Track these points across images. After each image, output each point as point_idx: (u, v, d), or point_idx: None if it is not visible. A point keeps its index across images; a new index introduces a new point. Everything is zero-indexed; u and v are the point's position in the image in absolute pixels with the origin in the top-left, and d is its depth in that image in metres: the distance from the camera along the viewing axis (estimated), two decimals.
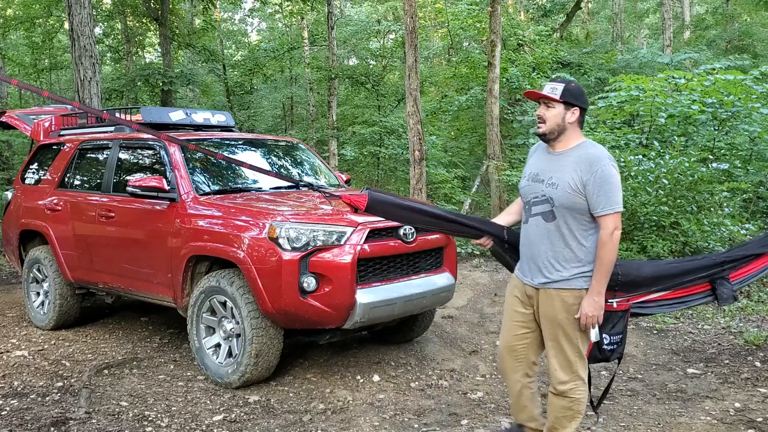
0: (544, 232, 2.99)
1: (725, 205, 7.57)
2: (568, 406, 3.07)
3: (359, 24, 22.91)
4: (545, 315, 3.03)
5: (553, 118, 2.96)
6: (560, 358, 3.04)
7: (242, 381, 4.27)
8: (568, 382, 3.04)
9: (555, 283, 2.97)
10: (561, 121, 2.96)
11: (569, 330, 2.99)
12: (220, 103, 21.54)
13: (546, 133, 2.99)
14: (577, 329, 2.98)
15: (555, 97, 2.93)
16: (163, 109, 5.89)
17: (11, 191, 6.53)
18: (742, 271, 3.32)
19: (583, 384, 3.08)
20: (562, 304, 2.97)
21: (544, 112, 2.98)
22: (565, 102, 2.94)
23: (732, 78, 7.47)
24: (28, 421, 3.81)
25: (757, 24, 22.21)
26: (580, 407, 3.07)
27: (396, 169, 15.22)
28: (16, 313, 6.52)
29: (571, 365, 3.03)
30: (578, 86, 2.99)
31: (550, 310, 3.01)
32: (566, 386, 3.05)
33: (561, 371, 3.05)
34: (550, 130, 2.98)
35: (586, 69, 16.33)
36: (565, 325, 2.99)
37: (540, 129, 3.01)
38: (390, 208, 3.27)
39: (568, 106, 2.94)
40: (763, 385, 4.38)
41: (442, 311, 6.13)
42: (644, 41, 28.26)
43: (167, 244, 4.68)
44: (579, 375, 3.05)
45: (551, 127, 2.97)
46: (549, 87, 2.97)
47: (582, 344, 3.04)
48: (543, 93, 2.97)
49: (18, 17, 18.85)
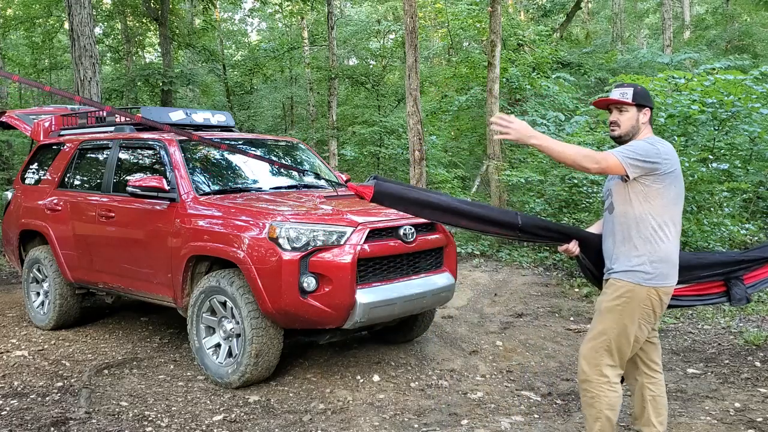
0: (609, 224, 3.08)
1: (725, 205, 7.57)
2: (588, 402, 3.05)
3: (359, 24, 22.91)
4: (597, 302, 3.10)
5: (628, 121, 3.04)
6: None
7: (242, 381, 4.27)
8: (589, 375, 3.04)
9: (614, 273, 3.03)
10: (636, 122, 3.04)
11: (608, 320, 3.00)
12: (220, 103, 21.54)
13: (621, 135, 3.06)
14: (614, 321, 2.98)
15: (628, 100, 3.01)
16: (163, 109, 5.89)
17: (11, 191, 6.53)
18: (757, 274, 3.33)
19: (608, 383, 3.03)
20: (610, 292, 3.01)
21: (618, 116, 3.06)
22: (637, 104, 3.03)
23: (732, 78, 7.46)
24: (28, 421, 3.81)
25: (757, 24, 22.21)
26: (600, 406, 3.02)
27: (396, 169, 15.23)
28: (16, 313, 6.52)
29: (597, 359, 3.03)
30: (644, 89, 3.09)
31: (599, 299, 3.08)
32: (583, 377, 3.05)
33: (581, 361, 3.07)
34: (625, 132, 3.05)
35: (586, 69, 16.34)
36: (603, 313, 3.02)
37: (615, 132, 3.07)
38: (398, 200, 3.16)
39: (639, 107, 3.04)
40: (763, 385, 4.38)
41: (442, 311, 6.13)
42: (644, 41, 28.26)
43: (167, 244, 4.68)
44: (603, 372, 3.03)
45: (626, 129, 3.05)
46: (618, 92, 3.06)
47: (616, 342, 3.00)
48: (615, 98, 3.05)
49: (18, 17, 18.85)
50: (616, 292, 2.99)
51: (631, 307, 2.96)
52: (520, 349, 5.26)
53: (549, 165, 9.19)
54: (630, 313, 2.96)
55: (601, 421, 3.03)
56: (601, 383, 3.02)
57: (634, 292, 2.95)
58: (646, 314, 2.98)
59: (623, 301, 2.96)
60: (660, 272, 2.94)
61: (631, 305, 2.96)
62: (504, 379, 4.62)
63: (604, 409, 3.02)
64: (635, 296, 2.95)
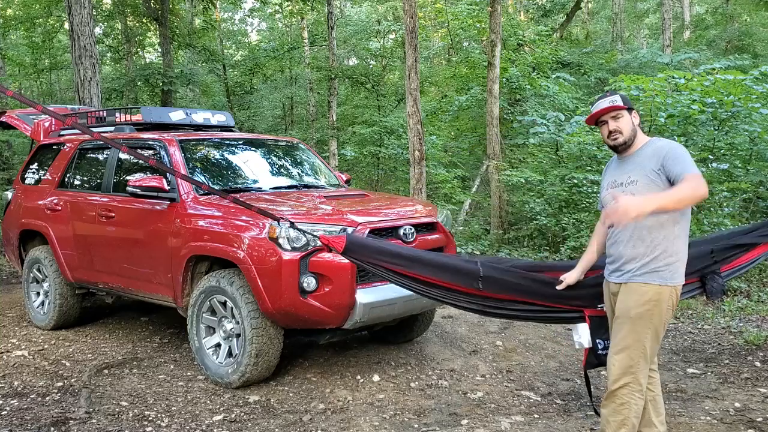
0: (622, 228, 2.98)
1: (725, 205, 7.56)
2: (616, 409, 2.99)
3: (359, 24, 22.91)
4: (619, 308, 3.02)
5: (627, 125, 3.03)
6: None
7: (242, 381, 4.27)
8: (625, 382, 2.97)
9: (636, 276, 2.95)
10: (632, 125, 3.04)
11: (640, 327, 2.93)
12: (220, 103, 21.53)
13: (626, 141, 3.03)
14: (647, 327, 2.92)
15: (621, 105, 3.01)
16: (163, 109, 5.89)
17: (11, 191, 6.53)
18: (734, 264, 3.37)
19: (640, 391, 2.98)
20: (637, 298, 2.94)
21: (616, 124, 3.03)
22: (628, 108, 3.04)
23: (732, 78, 7.46)
24: (28, 421, 3.81)
25: (757, 24, 22.19)
26: (629, 413, 2.97)
27: (396, 169, 15.23)
28: (16, 313, 6.52)
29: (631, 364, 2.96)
30: (623, 93, 3.12)
31: (623, 304, 2.99)
32: (618, 384, 2.98)
33: (616, 368, 2.99)
34: (628, 137, 3.03)
35: (586, 69, 16.33)
36: (635, 320, 2.94)
37: (619, 139, 3.03)
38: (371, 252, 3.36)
39: (629, 110, 3.05)
40: (763, 385, 4.38)
41: (442, 311, 6.13)
42: (644, 41, 28.25)
43: (167, 244, 4.68)
44: (639, 380, 2.97)
45: (629, 134, 3.03)
46: (608, 100, 3.04)
47: (651, 348, 2.97)
48: (608, 106, 3.03)
49: (18, 17, 18.84)
50: (644, 296, 2.91)
51: (660, 310, 2.91)
52: (520, 349, 5.26)
53: (549, 165, 9.20)
54: (659, 316, 2.92)
55: (627, 427, 2.99)
56: (634, 391, 2.97)
57: (660, 293, 2.90)
58: (669, 314, 2.96)
59: (653, 305, 2.91)
60: (678, 271, 2.93)
61: (660, 307, 2.91)
62: (504, 379, 4.62)
63: (632, 416, 2.98)
64: (662, 298, 2.91)
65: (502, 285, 3.34)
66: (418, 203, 5.26)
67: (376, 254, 3.39)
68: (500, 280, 3.33)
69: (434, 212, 4.88)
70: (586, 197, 8.67)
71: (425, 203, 5.31)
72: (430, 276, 3.35)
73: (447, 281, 3.35)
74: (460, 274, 3.33)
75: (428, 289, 3.38)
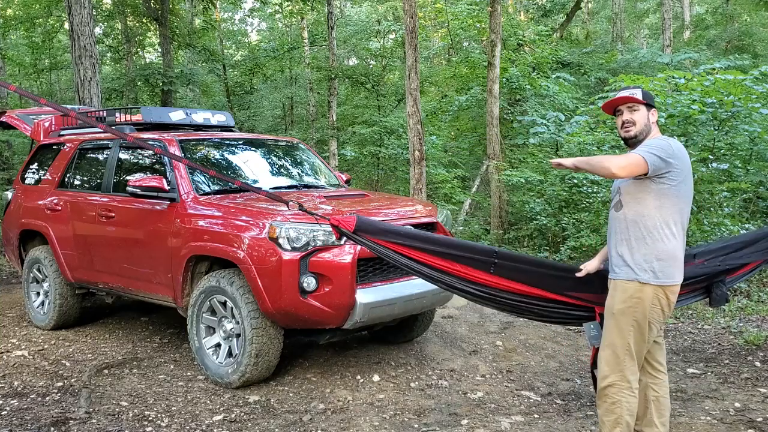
0: (614, 223, 3.04)
1: (725, 205, 7.56)
2: (609, 408, 3.01)
3: (359, 24, 22.89)
4: (606, 305, 3.06)
5: (641, 119, 3.03)
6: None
7: (242, 381, 4.27)
8: (612, 380, 3.01)
9: (620, 273, 2.99)
10: (647, 121, 3.04)
11: (623, 323, 2.96)
12: (220, 103, 21.53)
13: (637, 134, 3.03)
14: (629, 324, 2.95)
15: (638, 98, 3.01)
16: (163, 109, 5.89)
17: (11, 191, 6.53)
18: (738, 272, 3.41)
19: (630, 389, 3.01)
20: (619, 295, 2.98)
21: (630, 115, 3.04)
22: (647, 104, 3.03)
23: (732, 78, 7.45)
24: (28, 421, 3.81)
25: (757, 24, 22.19)
26: (621, 411, 2.99)
27: (396, 169, 15.23)
28: (16, 313, 6.52)
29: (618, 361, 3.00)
30: (649, 92, 3.10)
31: (609, 301, 3.03)
32: (606, 382, 3.02)
33: (603, 365, 3.03)
34: (640, 131, 3.03)
35: (586, 69, 16.33)
36: (617, 316, 2.97)
37: (630, 131, 3.04)
38: (379, 232, 3.26)
39: (648, 107, 3.04)
40: (763, 385, 4.38)
41: (442, 311, 6.13)
42: (644, 41, 28.26)
43: (167, 244, 4.68)
44: (627, 377, 3.00)
45: (641, 127, 3.03)
46: (629, 91, 3.05)
47: (636, 344, 2.99)
48: (626, 96, 3.03)
49: (18, 17, 18.83)
50: (625, 293, 2.96)
51: (643, 307, 2.94)
52: (520, 349, 5.26)
53: (549, 165, 9.18)
54: (642, 313, 2.94)
55: (621, 426, 3.00)
56: (624, 389, 2.99)
57: (642, 291, 2.93)
58: (656, 314, 2.97)
59: (634, 302, 2.94)
60: (666, 271, 2.93)
61: (642, 305, 2.93)
62: (504, 379, 4.62)
63: (625, 415, 2.99)
64: (644, 296, 2.93)
65: (515, 271, 3.23)
66: (418, 203, 5.26)
67: (387, 235, 3.25)
68: (514, 266, 3.24)
69: (434, 212, 4.88)
70: (586, 197, 8.67)
71: (425, 203, 5.31)
72: (441, 259, 3.19)
73: (460, 264, 3.20)
74: (475, 257, 3.21)
75: (438, 275, 3.21)
